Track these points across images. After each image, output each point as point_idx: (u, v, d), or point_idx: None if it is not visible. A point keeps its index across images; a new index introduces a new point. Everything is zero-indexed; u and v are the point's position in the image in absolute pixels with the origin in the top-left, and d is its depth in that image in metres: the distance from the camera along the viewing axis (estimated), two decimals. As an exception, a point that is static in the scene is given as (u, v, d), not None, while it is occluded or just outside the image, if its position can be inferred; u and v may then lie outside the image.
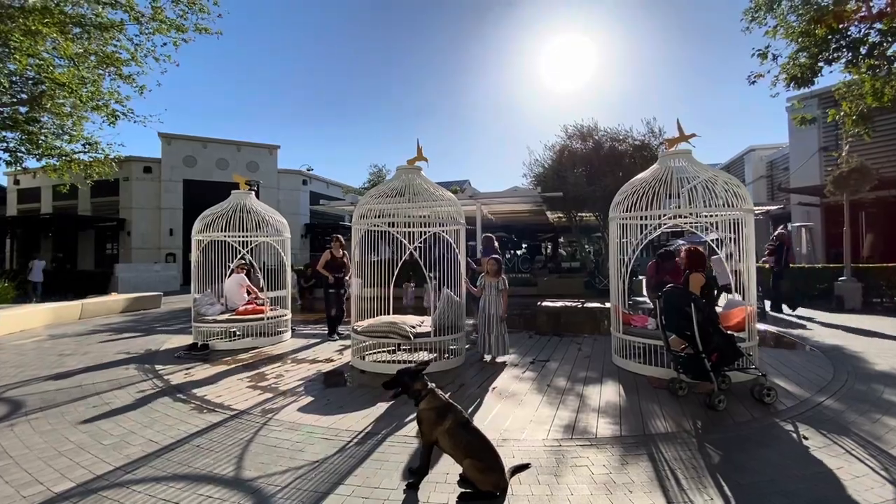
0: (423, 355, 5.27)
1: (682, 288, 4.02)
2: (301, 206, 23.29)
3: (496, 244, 6.82)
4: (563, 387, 4.45)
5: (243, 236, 7.11)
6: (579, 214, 15.79)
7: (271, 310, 7.06)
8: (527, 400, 4.06)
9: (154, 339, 7.35)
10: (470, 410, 3.80)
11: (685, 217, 5.26)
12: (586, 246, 19.92)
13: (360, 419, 3.62)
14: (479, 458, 2.42)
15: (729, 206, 4.71)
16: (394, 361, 5.13)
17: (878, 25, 8.02)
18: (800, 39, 9.08)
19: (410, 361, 5.10)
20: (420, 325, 5.24)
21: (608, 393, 4.23)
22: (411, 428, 3.41)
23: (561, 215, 17.49)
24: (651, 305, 5.76)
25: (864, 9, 8.17)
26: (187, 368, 5.37)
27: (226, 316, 6.83)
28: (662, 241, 14.76)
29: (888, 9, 7.58)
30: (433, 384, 2.71)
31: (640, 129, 15.07)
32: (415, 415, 2.69)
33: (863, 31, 8.30)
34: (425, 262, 5.35)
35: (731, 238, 5.15)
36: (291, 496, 2.44)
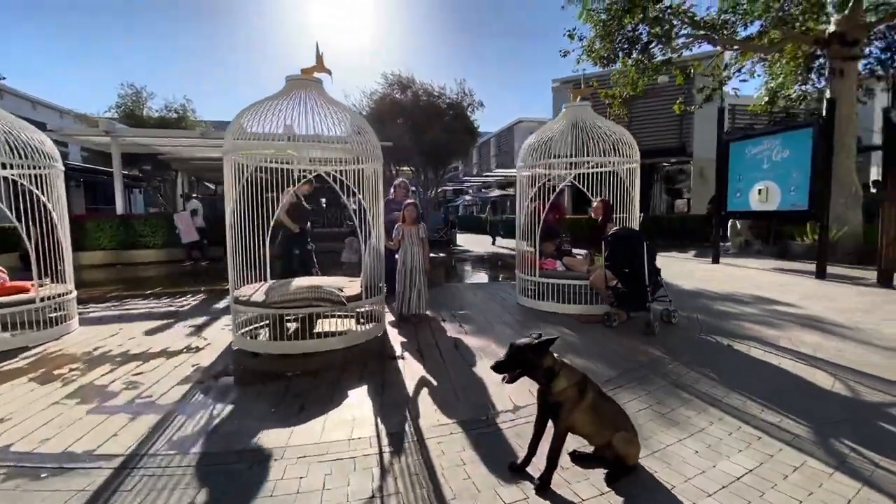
0: (327, 322, 4.24)
1: (635, 230, 4.36)
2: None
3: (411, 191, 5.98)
4: (512, 336, 4.30)
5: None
6: (399, 168, 15.62)
7: (42, 286, 4.37)
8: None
9: None
10: (465, 377, 3.25)
11: (586, 167, 5.66)
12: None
13: (351, 420, 2.59)
14: (626, 428, 2.02)
15: (625, 156, 5.30)
16: (295, 336, 3.88)
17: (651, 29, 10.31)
18: (596, 27, 10.94)
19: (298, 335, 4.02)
20: (345, 288, 4.13)
21: (554, 334, 4.30)
22: (433, 410, 2.66)
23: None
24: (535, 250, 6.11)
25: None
26: None
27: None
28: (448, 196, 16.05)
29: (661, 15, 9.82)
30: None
31: (453, 88, 15.71)
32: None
33: (640, 31, 10.55)
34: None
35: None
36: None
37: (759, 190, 8.56)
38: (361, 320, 4.32)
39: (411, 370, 3.40)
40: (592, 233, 5.30)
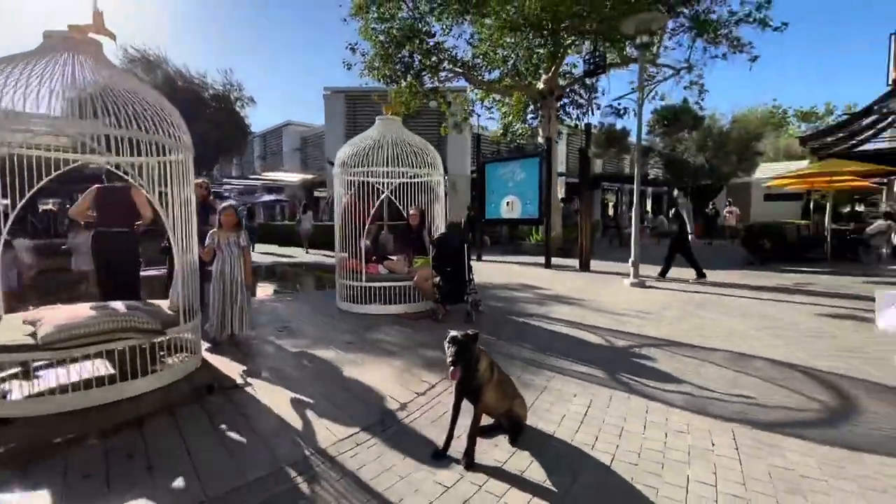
0: (80, 367, 3.33)
1: (457, 235, 4.93)
2: None
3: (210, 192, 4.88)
4: (356, 341, 4.30)
5: None
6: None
7: None
8: (359, 360, 3.73)
9: None
10: (336, 389, 3.13)
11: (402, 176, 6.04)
12: None
13: (233, 462, 2.19)
14: (518, 395, 2.44)
15: (433, 169, 5.95)
16: (56, 389, 2.83)
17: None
18: (376, 46, 11.69)
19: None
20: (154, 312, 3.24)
21: (394, 333, 4.56)
22: (324, 428, 2.50)
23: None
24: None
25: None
26: None
27: None
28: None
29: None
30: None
31: (217, 78, 13.86)
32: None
33: (414, 59, 11.80)
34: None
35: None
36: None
37: (507, 202, 10.92)
38: (162, 352, 3.48)
39: (269, 395, 3.02)
40: (409, 238, 5.75)
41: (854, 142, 11.75)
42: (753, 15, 10.54)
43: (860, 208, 19.78)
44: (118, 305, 3.08)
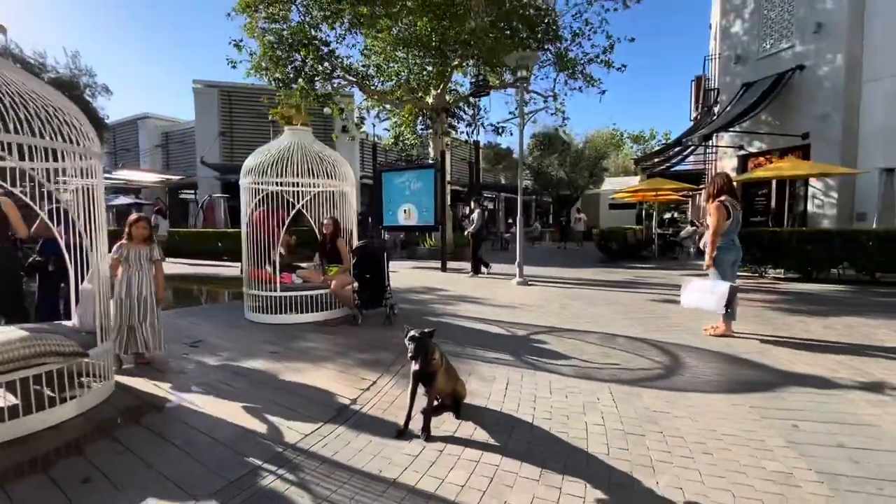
0: None
1: (377, 243, 5.22)
2: None
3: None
4: (281, 350, 4.38)
5: None
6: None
7: None
8: (293, 367, 3.87)
9: None
10: (281, 393, 3.28)
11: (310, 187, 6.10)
12: None
13: (206, 471, 2.30)
14: (459, 377, 2.96)
15: (345, 179, 6.17)
16: None
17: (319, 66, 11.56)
18: (264, 47, 11.24)
19: None
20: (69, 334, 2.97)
21: (318, 340, 4.73)
22: (287, 428, 2.71)
23: None
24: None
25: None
26: None
27: None
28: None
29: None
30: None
31: (61, 60, 11.79)
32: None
33: (307, 64, 11.60)
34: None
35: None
36: None
37: (405, 210, 11.46)
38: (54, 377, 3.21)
39: (214, 407, 3.05)
40: (323, 246, 5.89)
41: (668, 164, 14.99)
42: (601, 57, 12.81)
43: (677, 215, 24.89)
44: (31, 327, 2.80)
